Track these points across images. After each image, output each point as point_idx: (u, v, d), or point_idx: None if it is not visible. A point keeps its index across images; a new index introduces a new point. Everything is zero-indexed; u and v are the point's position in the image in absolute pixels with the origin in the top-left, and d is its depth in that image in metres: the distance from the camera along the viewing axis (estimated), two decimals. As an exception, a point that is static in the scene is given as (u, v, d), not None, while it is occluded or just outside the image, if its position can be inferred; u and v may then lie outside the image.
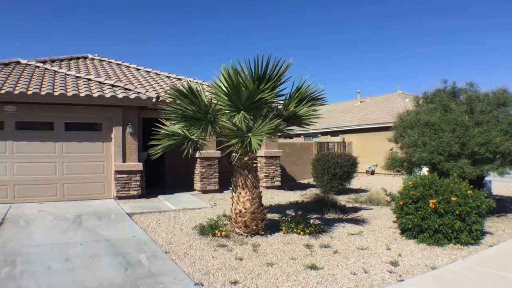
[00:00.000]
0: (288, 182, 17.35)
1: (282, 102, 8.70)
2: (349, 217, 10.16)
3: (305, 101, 8.47)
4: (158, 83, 15.44)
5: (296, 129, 9.38)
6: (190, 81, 8.64)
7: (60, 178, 12.22)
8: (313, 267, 6.33)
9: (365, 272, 6.17)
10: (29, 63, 15.13)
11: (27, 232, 8.50)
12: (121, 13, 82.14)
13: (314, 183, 15.78)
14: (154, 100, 12.50)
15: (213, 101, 8.06)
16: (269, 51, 7.77)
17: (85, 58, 18.48)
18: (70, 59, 17.54)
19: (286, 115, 8.35)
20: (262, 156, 15.21)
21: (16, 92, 11.35)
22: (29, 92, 11.47)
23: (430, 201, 7.65)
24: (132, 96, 12.36)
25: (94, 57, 18.70)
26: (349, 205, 11.75)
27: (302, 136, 30.36)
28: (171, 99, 8.30)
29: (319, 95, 8.66)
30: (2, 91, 11.25)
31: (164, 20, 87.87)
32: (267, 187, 15.28)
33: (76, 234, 8.33)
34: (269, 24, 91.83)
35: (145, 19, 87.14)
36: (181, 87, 8.08)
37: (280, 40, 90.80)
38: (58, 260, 6.66)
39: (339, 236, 8.27)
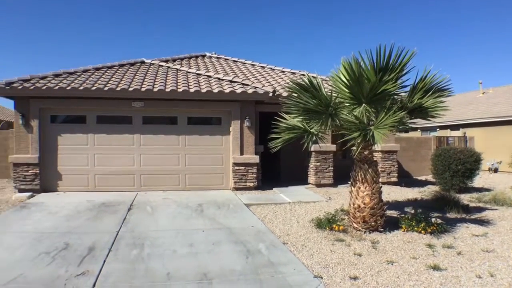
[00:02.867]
0: (404, 178, 16.66)
1: (405, 93, 8.35)
2: (472, 217, 9.50)
3: (430, 92, 8.04)
4: (273, 78, 15.62)
5: (414, 123, 8.94)
6: (307, 74, 8.58)
7: (182, 169, 12.93)
8: (435, 267, 6.01)
9: (491, 276, 5.73)
10: (152, 62, 16.18)
11: (153, 217, 9.09)
12: (228, 13, 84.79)
13: (433, 180, 15.00)
14: (270, 94, 12.66)
15: (333, 94, 7.95)
16: (386, 42, 7.48)
17: (203, 56, 19.32)
18: (190, 57, 18.48)
19: (411, 107, 7.99)
20: (378, 151, 14.75)
21: (143, 89, 12.19)
22: (155, 89, 12.25)
23: None
24: (250, 91, 12.63)
25: (212, 55, 19.46)
26: (472, 204, 10.98)
27: (419, 130, 28.95)
28: (290, 93, 8.34)
29: (444, 86, 8.19)
30: (130, 89, 12.14)
31: (273, 16, 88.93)
32: (383, 183, 14.71)
33: (198, 222, 8.73)
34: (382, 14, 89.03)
35: (255, 17, 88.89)
36: (302, 81, 8.08)
37: (393, 30, 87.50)
38: (183, 245, 7.02)
39: (462, 237, 7.75)
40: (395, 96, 8.24)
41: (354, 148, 7.89)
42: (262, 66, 17.69)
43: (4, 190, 12.92)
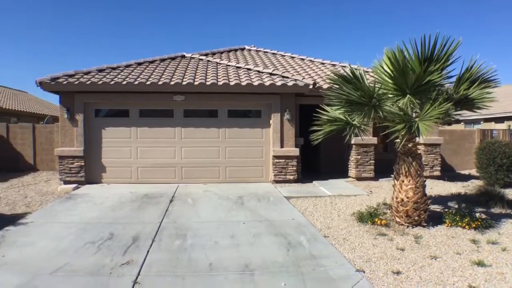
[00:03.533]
0: (447, 172, 16.23)
1: (449, 84, 8.10)
2: (517, 213, 9.18)
3: (476, 83, 7.77)
4: (313, 70, 15.50)
5: (460, 114, 8.67)
6: (349, 65, 8.44)
7: (223, 162, 13.03)
8: (480, 263, 5.84)
9: (537, 273, 5.53)
10: (192, 56, 16.36)
11: (195, 209, 9.20)
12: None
13: (477, 174, 14.55)
14: (311, 86, 12.57)
15: (376, 85, 7.79)
16: (432, 31, 7.27)
17: (242, 49, 19.40)
18: (229, 51, 18.59)
19: (457, 99, 7.73)
20: (421, 144, 14.41)
21: (184, 83, 12.34)
22: (196, 83, 12.37)
23: None
24: (290, 84, 12.57)
25: (251, 48, 19.50)
26: (517, 199, 10.61)
27: (462, 123, 28.17)
28: (331, 85, 8.23)
29: (490, 77, 7.89)
30: (172, 82, 12.31)
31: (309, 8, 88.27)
32: (426, 177, 14.31)
33: (239, 214, 8.79)
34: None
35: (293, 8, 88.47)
36: (344, 73, 7.96)
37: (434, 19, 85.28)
38: (224, 236, 7.07)
39: (507, 233, 7.47)
40: (440, 87, 8.02)
41: (398, 140, 7.71)
42: (301, 58, 17.58)
43: (49, 182, 13.36)
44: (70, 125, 12.45)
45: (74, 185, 11.97)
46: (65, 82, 12.09)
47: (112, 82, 12.14)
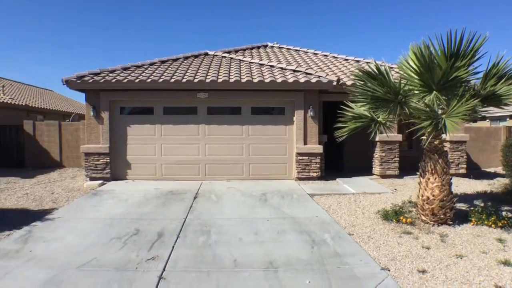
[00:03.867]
0: (472, 170, 15.92)
1: (476, 80, 7.96)
2: (545, 212, 8.97)
3: (504, 79, 7.62)
4: (336, 66, 15.38)
5: (487, 111, 8.50)
6: (374, 61, 8.35)
7: (246, 159, 13.05)
8: (506, 263, 5.75)
9: None
10: (215, 54, 16.42)
11: (218, 206, 9.25)
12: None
13: (503, 172, 14.27)
14: (334, 83, 12.48)
15: (402, 81, 7.70)
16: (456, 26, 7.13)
17: (265, 46, 19.39)
18: (252, 48, 18.59)
19: (484, 95, 7.59)
20: (446, 141, 14.18)
21: (207, 80, 12.39)
22: (219, 80, 12.42)
23: None
24: (313, 80, 12.51)
25: (273, 45, 19.50)
26: (544, 198, 10.36)
27: (487, 120, 27.62)
28: (356, 81, 8.15)
29: (517, 72, 7.75)
30: (196, 80, 12.37)
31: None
32: (451, 174, 14.12)
33: (263, 210, 8.79)
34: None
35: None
36: (369, 68, 7.88)
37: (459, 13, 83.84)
38: (248, 233, 7.09)
39: (534, 232, 7.35)
40: (466, 83, 7.88)
41: (423, 137, 7.62)
42: (324, 55, 17.46)
43: (75, 178, 13.58)
44: (96, 122, 12.64)
45: (100, 182, 12.14)
46: (90, 81, 12.28)
47: (137, 80, 12.27)
